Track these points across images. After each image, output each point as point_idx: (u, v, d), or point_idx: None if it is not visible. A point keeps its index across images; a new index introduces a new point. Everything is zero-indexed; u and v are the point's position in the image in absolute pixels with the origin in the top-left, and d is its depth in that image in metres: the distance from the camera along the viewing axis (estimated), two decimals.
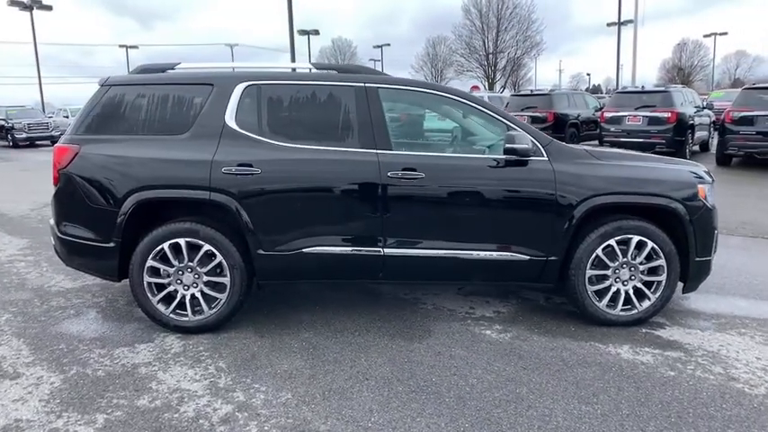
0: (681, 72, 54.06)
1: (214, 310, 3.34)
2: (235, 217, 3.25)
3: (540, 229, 3.33)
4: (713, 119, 12.91)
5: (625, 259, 3.38)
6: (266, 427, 2.41)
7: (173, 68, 3.55)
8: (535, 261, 3.35)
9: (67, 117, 23.13)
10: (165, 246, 3.25)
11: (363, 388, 2.74)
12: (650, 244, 3.35)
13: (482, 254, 3.35)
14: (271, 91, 3.38)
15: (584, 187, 3.30)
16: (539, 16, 42.64)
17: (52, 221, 3.54)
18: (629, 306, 3.44)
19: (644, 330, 3.42)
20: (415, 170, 3.26)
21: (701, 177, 3.47)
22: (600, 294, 3.43)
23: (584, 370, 2.91)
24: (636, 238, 3.35)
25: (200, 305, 3.34)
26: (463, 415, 2.49)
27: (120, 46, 42.73)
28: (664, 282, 3.40)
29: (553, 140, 3.43)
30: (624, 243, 3.37)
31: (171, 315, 3.34)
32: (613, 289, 3.42)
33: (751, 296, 3.99)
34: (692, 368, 2.92)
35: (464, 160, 3.42)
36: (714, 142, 12.51)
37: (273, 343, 3.26)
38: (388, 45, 44.14)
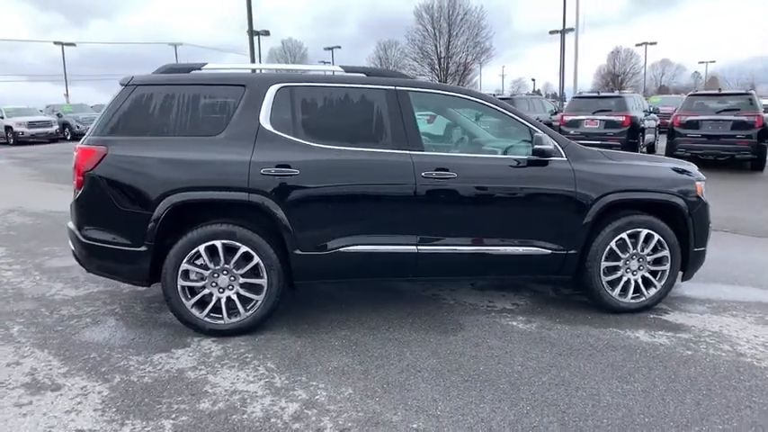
0: (614, 78, 57.53)
1: (250, 312, 3.33)
2: (272, 218, 3.26)
3: (561, 224, 3.57)
4: (658, 122, 13.95)
5: (635, 251, 3.68)
6: (340, 421, 2.47)
7: (199, 69, 3.51)
8: (557, 255, 3.58)
9: (2, 117, 21.51)
10: (201, 248, 3.22)
11: (419, 380, 2.85)
12: (656, 237, 3.67)
13: (509, 249, 3.54)
14: (304, 93, 3.42)
15: (600, 185, 3.56)
16: (488, 23, 44.07)
17: (72, 225, 3.40)
18: (638, 294, 3.74)
19: (651, 316, 3.73)
20: (447, 170, 3.41)
21: (697, 175, 3.83)
22: (612, 284, 3.71)
23: (613, 353, 3.16)
24: (644, 232, 3.65)
25: (235, 308, 3.32)
26: (521, 399, 2.66)
27: (56, 43, 40.07)
28: (668, 271, 3.73)
29: (570, 142, 3.68)
30: (634, 236, 3.66)
31: (206, 319, 3.30)
32: (624, 279, 3.71)
33: (732, 283, 4.42)
34: (704, 347, 3.24)
35: (491, 160, 3.60)
36: (659, 144, 13.51)
37: (313, 342, 3.30)
38: (339, 47, 44.15)
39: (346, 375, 2.89)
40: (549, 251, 3.57)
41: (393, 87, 3.48)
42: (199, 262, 3.26)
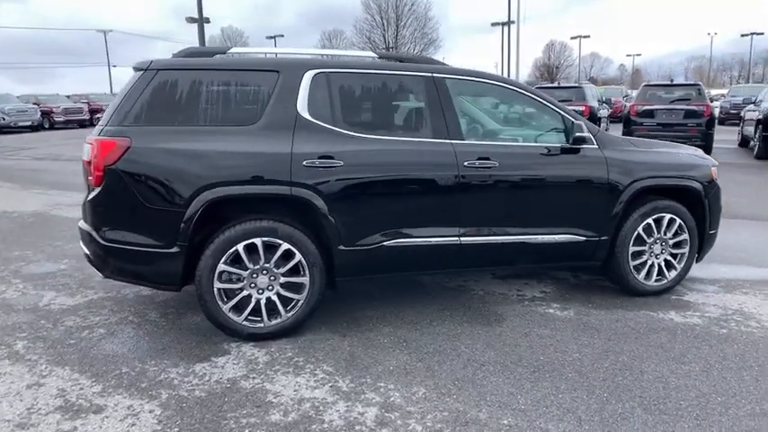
0: (549, 70, 59.90)
1: (291, 312, 3.13)
2: (315, 212, 3.07)
3: (594, 211, 3.61)
4: (610, 111, 14.64)
5: (658, 235, 3.79)
6: (428, 423, 2.36)
7: (224, 53, 3.23)
8: (590, 241, 3.62)
9: None
10: (240, 247, 2.97)
11: (486, 374, 2.78)
12: (678, 221, 3.80)
13: (546, 237, 3.54)
14: (340, 80, 3.23)
15: (630, 172, 3.63)
16: (435, 14, 44.36)
17: (86, 226, 3.04)
18: (660, 277, 3.86)
19: (673, 297, 3.87)
20: (489, 159, 3.35)
21: (711, 161, 4.00)
22: (638, 268, 3.81)
23: (657, 335, 3.24)
24: (668, 216, 3.77)
25: (275, 309, 3.11)
26: (594, 386, 2.66)
27: None
28: (687, 253, 3.88)
29: (600, 130, 3.72)
30: (658, 221, 3.77)
31: (244, 323, 3.07)
32: (649, 263, 3.82)
33: (728, 263, 4.67)
34: (734, 325, 3.39)
35: (528, 148, 3.57)
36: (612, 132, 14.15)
37: (360, 341, 3.15)
38: (282, 36, 42.95)
39: (411, 374, 2.78)
40: (584, 238, 3.61)
41: (431, 74, 3.36)
42: (237, 262, 3.02)
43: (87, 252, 3.08)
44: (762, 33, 47.39)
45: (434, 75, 3.37)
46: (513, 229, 3.47)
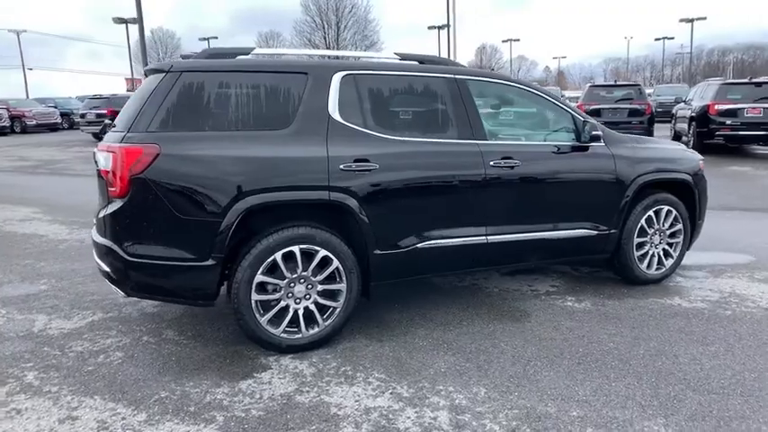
0: None
1: (329, 321, 3.04)
2: (353, 216, 3.00)
3: (605, 206, 3.77)
4: None
5: (658, 227, 4.03)
6: (503, 422, 2.37)
7: (246, 54, 3.08)
8: (602, 235, 3.79)
9: None
10: (278, 256, 2.85)
11: (536, 369, 2.83)
12: (674, 212, 4.05)
13: (563, 233, 3.66)
14: (368, 81, 3.18)
15: (635, 167, 3.83)
16: (375, 17, 44.51)
17: (106, 240, 2.80)
18: (660, 265, 4.10)
19: (671, 284, 4.12)
20: (512, 158, 3.41)
21: (699, 155, 4.30)
22: (641, 259, 4.03)
23: (674, 320, 3.44)
24: (665, 208, 4.01)
25: (312, 319, 3.01)
26: (640, 372, 2.77)
27: None
28: (681, 242, 4.15)
29: (605, 128, 3.90)
30: (657, 213, 4.01)
31: (282, 335, 2.94)
32: (650, 253, 4.05)
33: (704, 250, 5.03)
34: (735, 306, 3.66)
35: (545, 147, 3.67)
36: None
37: (399, 345, 3.11)
38: (216, 38, 41.44)
39: (465, 375, 2.77)
40: (596, 232, 3.77)
41: (453, 76, 3.38)
42: (274, 272, 2.89)
43: (107, 269, 2.83)
44: (673, 38, 51.60)
45: (456, 76, 3.40)
46: (534, 226, 3.56)
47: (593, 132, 3.60)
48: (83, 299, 3.93)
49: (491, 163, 3.35)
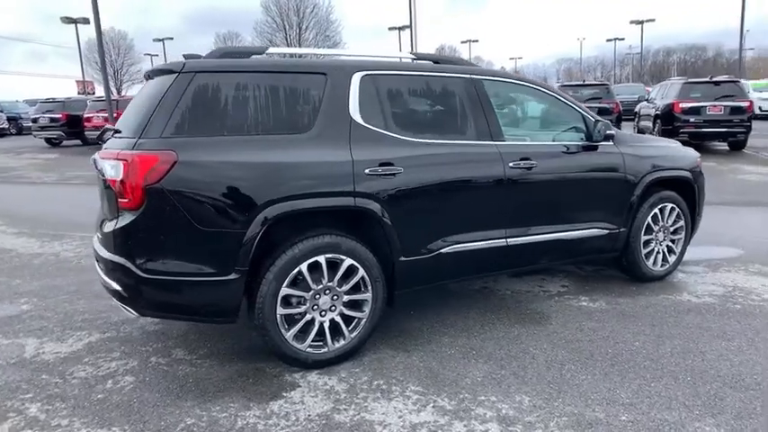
0: None
1: (355, 332, 2.90)
2: (379, 222, 2.88)
3: (615, 204, 3.79)
4: None
5: (662, 224, 4.09)
6: (554, 428, 2.30)
7: (261, 53, 2.90)
8: (613, 234, 3.80)
9: None
10: (303, 267, 2.69)
11: (572, 373, 2.78)
12: (677, 209, 4.12)
13: (577, 233, 3.64)
14: (387, 82, 3.05)
15: (642, 166, 3.86)
16: (337, 17, 44.17)
17: (115, 257, 2.56)
18: (664, 262, 4.17)
19: (675, 280, 4.19)
20: (529, 159, 3.37)
21: (696, 153, 4.39)
22: (647, 256, 4.08)
23: (689, 317, 3.48)
24: (669, 206, 4.07)
25: (338, 331, 2.86)
26: (674, 372, 2.76)
27: None
28: (683, 239, 4.23)
29: (614, 128, 3.91)
30: (661, 210, 4.06)
31: (308, 350, 2.78)
32: (655, 250, 4.11)
33: (697, 245, 5.13)
34: (742, 300, 3.74)
35: (559, 147, 3.64)
36: None
37: (428, 355, 3.01)
38: (171, 39, 40.16)
39: (503, 383, 2.70)
40: (607, 231, 3.78)
41: (470, 76, 3.31)
42: (299, 283, 2.73)
43: (117, 287, 2.59)
44: (623, 39, 53.64)
45: (473, 76, 3.32)
46: (551, 227, 3.53)
47: (608, 131, 3.61)
48: (73, 318, 3.63)
49: (510, 164, 3.29)
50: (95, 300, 3.96)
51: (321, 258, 2.74)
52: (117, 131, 2.85)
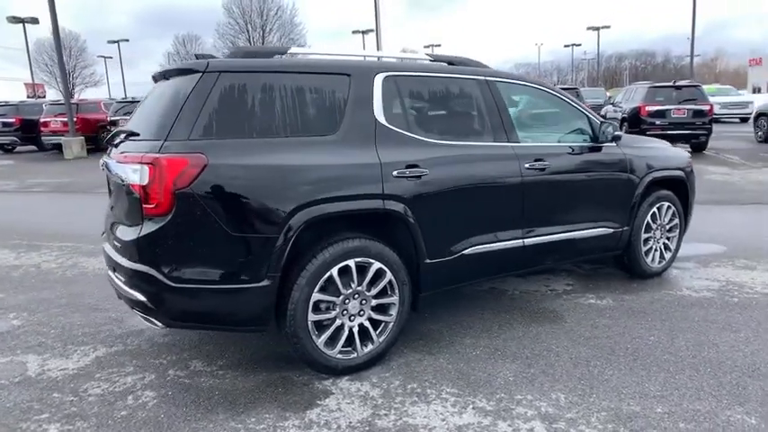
0: None
1: (383, 336, 2.87)
2: (405, 225, 2.85)
3: (619, 203, 3.90)
4: None
5: (660, 222, 4.24)
6: (599, 425, 2.33)
7: (283, 53, 2.83)
8: (617, 232, 3.91)
9: None
10: (334, 271, 2.64)
11: (599, 369, 2.83)
12: (673, 208, 4.29)
13: (586, 232, 3.72)
14: (407, 83, 3.04)
15: (643, 166, 3.99)
16: (302, 20, 43.68)
17: (140, 266, 2.43)
18: (661, 259, 4.32)
19: (671, 276, 4.35)
20: (542, 160, 3.42)
21: (687, 152, 4.57)
22: (646, 253, 4.21)
23: (694, 311, 3.61)
24: (666, 204, 4.23)
25: (366, 336, 2.82)
26: (695, 364, 2.86)
27: None
28: (677, 236, 4.39)
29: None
30: (659, 209, 4.21)
31: (338, 356, 2.73)
32: (654, 247, 4.25)
33: (683, 242, 5.37)
34: (737, 293, 3.91)
35: (569, 148, 3.70)
36: None
37: (454, 357, 3.00)
38: (127, 41, 38.81)
39: (535, 382, 2.72)
40: (612, 230, 3.88)
41: (484, 78, 3.34)
42: (329, 288, 2.67)
43: (141, 298, 2.46)
44: (580, 45, 55.60)
45: (487, 78, 3.36)
46: (562, 226, 3.59)
47: (616, 133, 3.71)
48: (72, 332, 3.44)
49: (526, 165, 3.34)
50: (92, 312, 3.77)
51: (351, 262, 2.69)
52: (132, 134, 2.73)
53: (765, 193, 7.91)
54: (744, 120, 20.88)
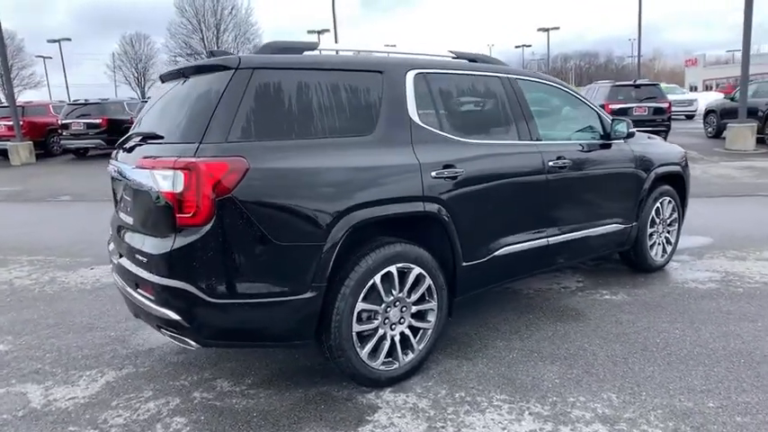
0: None
1: (423, 344, 2.76)
2: (443, 228, 2.75)
3: (628, 200, 3.94)
4: None
5: (662, 216, 4.33)
6: (659, 423, 2.30)
7: (313, 49, 2.66)
8: (627, 228, 3.95)
9: None
10: (377, 279, 2.51)
11: (640, 366, 2.82)
12: (672, 202, 4.39)
13: (601, 229, 3.74)
14: (437, 81, 2.94)
15: (649, 162, 4.06)
16: (257, 19, 42.65)
17: (175, 282, 2.20)
18: (664, 252, 4.41)
19: (672, 269, 4.45)
20: (564, 158, 3.41)
21: (681, 148, 4.70)
22: (651, 248, 4.29)
23: (706, 302, 3.68)
24: (667, 199, 4.33)
25: (407, 344, 2.70)
26: (728, 356, 2.89)
27: None
28: (677, 229, 4.50)
29: None
30: (662, 204, 4.30)
31: (381, 368, 2.59)
32: (657, 241, 4.33)
33: None
34: (739, 284, 4.04)
35: (585, 145, 3.67)
36: None
37: (493, 361, 2.92)
38: (69, 40, 36.66)
39: (582, 383, 2.67)
40: (622, 226, 3.92)
41: (506, 75, 3.28)
42: (371, 296, 2.53)
43: (174, 317, 2.23)
44: (530, 46, 57.25)
45: (509, 76, 3.30)
46: (580, 224, 3.59)
47: (630, 130, 3.75)
48: (71, 355, 3.13)
49: (550, 163, 3.31)
50: (88, 332, 3.46)
51: (393, 269, 2.56)
52: (150, 137, 2.49)
53: (731, 185, 8.32)
54: (689, 117, 21.98)
